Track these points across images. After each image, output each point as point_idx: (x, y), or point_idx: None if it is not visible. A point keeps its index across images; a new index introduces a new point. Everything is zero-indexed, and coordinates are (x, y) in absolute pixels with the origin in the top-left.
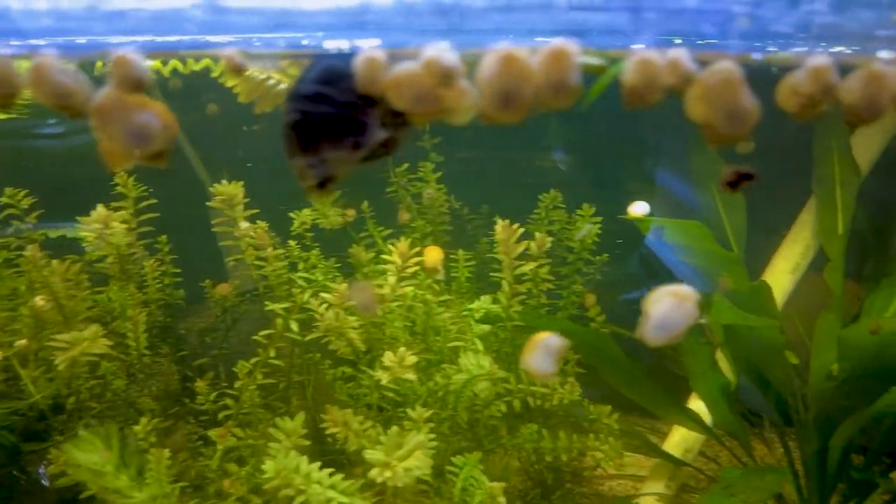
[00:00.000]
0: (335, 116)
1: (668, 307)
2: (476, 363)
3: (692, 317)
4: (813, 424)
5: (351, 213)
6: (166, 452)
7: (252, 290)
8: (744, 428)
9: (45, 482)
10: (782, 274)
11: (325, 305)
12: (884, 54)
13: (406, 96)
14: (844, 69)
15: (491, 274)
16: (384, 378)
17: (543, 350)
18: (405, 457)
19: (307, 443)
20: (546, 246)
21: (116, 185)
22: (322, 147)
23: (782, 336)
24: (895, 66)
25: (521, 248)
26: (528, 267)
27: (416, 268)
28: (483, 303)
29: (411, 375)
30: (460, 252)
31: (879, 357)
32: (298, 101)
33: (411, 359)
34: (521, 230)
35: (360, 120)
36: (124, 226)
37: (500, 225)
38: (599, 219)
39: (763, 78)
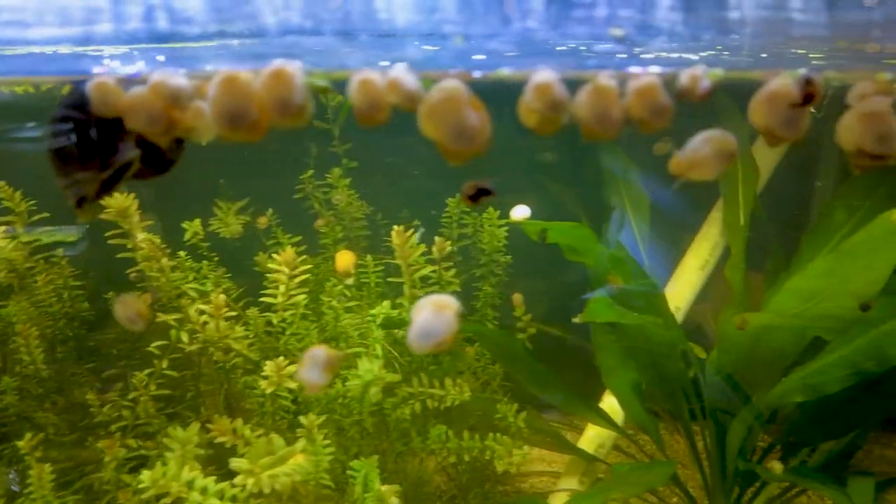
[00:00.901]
0: (84, 139)
1: (427, 316)
2: (371, 369)
3: (452, 325)
4: (710, 417)
5: (263, 220)
6: (47, 467)
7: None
8: (654, 423)
9: (16, 488)
10: (692, 270)
11: (204, 317)
12: (625, 70)
13: (139, 118)
14: (573, 83)
15: (389, 279)
16: (266, 387)
17: (311, 362)
18: (272, 464)
19: (201, 451)
20: (447, 250)
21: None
22: (73, 168)
23: (674, 331)
24: (641, 78)
25: (417, 253)
26: (425, 270)
27: (306, 276)
28: (383, 308)
29: (292, 384)
30: (368, 258)
31: (755, 351)
32: (54, 124)
33: (290, 368)
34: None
35: (109, 141)
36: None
37: (395, 231)
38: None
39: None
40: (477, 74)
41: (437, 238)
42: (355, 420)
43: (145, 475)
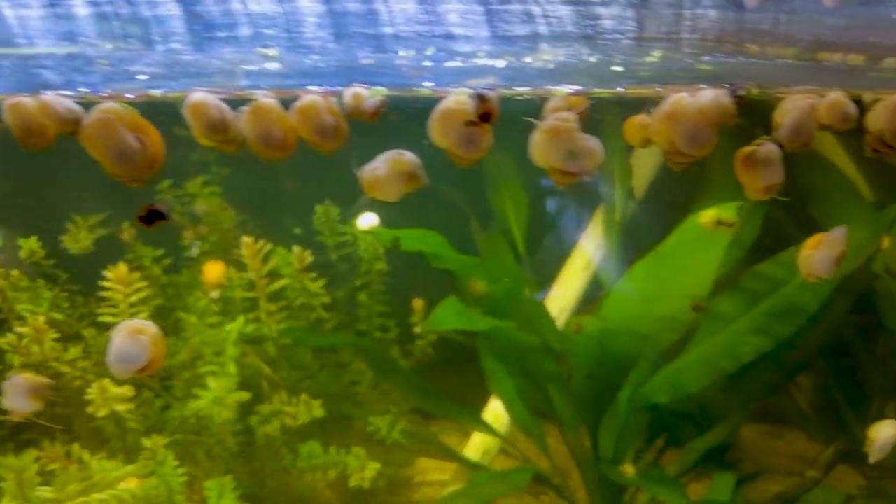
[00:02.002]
0: None
1: (122, 341)
2: (217, 388)
3: (149, 350)
4: (581, 420)
5: (130, 232)
6: None
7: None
8: (539, 426)
9: None
10: (576, 272)
11: (25, 340)
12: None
13: None
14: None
15: (243, 295)
16: (95, 410)
17: (13, 390)
18: (80, 492)
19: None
20: (307, 261)
21: None
22: None
23: (542, 335)
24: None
25: (269, 266)
26: (280, 284)
27: (142, 293)
28: (237, 324)
29: (120, 406)
30: (231, 270)
31: (603, 354)
32: None
33: (116, 390)
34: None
35: None
36: None
37: (245, 242)
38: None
39: None
40: (130, 96)
41: (295, 248)
42: (218, 440)
43: None
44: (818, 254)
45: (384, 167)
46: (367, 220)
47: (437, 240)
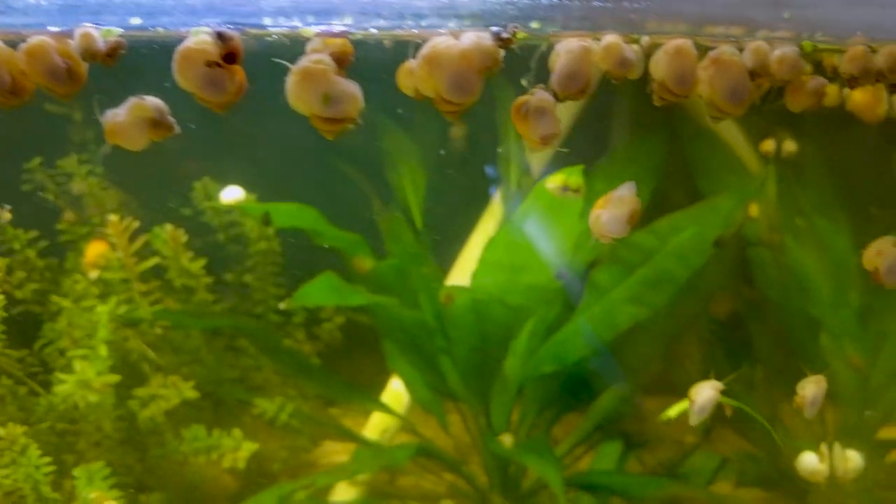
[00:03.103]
0: None
1: None
2: (82, 371)
3: None
4: (470, 393)
5: (6, 215)
6: None
7: None
8: (440, 403)
9: None
10: (477, 248)
11: None
12: None
13: None
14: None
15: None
16: None
17: None
18: None
19: None
20: (181, 240)
21: None
22: None
23: (420, 312)
24: None
25: (137, 245)
26: (150, 263)
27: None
28: (109, 305)
29: None
30: (109, 251)
31: (482, 325)
32: None
33: None
34: None
35: None
36: None
37: (111, 221)
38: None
39: None
40: None
41: (167, 227)
42: (95, 426)
43: None
44: (606, 213)
45: (125, 113)
46: (231, 194)
47: (312, 215)
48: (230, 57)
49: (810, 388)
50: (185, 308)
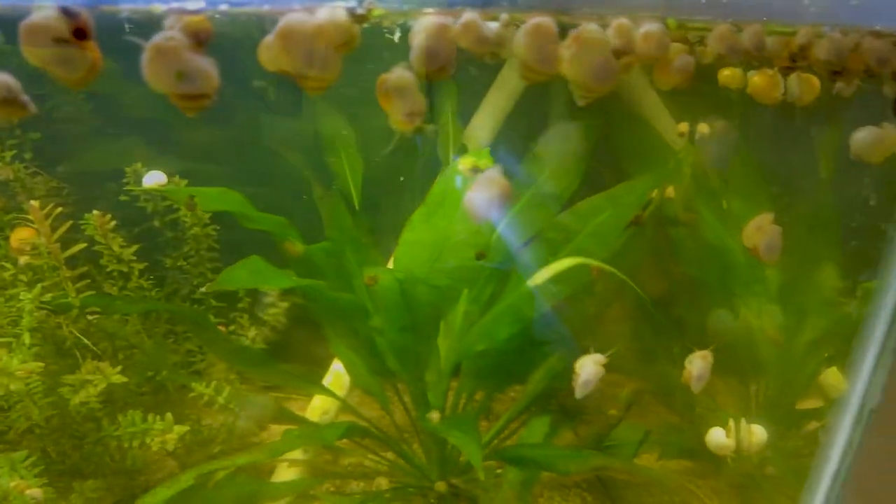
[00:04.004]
0: None
1: None
2: (3, 360)
3: None
4: (405, 373)
5: None
6: None
7: None
8: (379, 384)
9: None
10: None
11: None
12: None
13: None
14: None
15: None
16: None
17: None
18: None
19: None
20: (109, 225)
21: None
22: None
23: (351, 294)
24: None
25: (61, 231)
26: (75, 249)
27: None
28: (34, 292)
29: None
30: (35, 237)
31: (410, 305)
32: None
33: None
34: None
35: None
36: None
37: (31, 206)
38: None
39: None
40: None
41: (95, 212)
42: (22, 414)
43: None
44: (474, 195)
45: None
46: (153, 178)
47: (237, 198)
48: (79, 33)
49: (697, 364)
50: (117, 294)
